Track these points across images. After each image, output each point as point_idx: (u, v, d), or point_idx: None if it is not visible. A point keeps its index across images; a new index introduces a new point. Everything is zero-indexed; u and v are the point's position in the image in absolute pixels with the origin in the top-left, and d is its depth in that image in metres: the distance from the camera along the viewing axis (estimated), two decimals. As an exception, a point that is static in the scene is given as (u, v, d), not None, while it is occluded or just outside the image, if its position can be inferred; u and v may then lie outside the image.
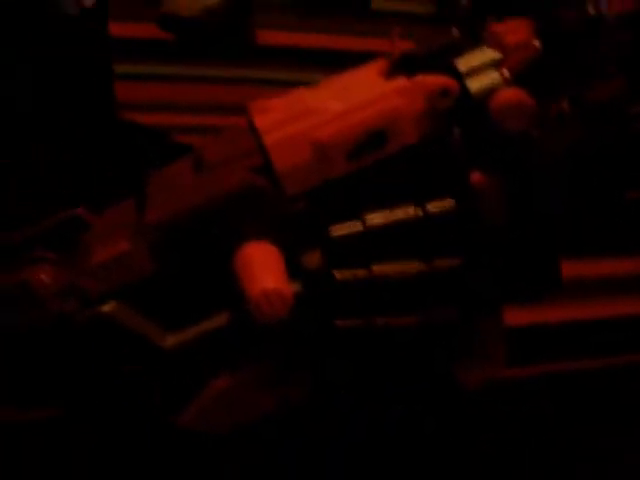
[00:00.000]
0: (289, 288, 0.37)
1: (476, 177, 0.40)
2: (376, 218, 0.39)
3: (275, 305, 0.36)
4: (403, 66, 0.41)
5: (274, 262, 0.38)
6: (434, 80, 0.39)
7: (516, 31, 0.42)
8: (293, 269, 0.39)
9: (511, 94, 0.38)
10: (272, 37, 1.12)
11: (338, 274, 0.39)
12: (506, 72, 0.39)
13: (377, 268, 0.39)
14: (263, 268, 0.37)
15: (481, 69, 0.39)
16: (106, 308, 0.39)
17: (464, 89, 0.39)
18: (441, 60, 0.40)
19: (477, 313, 0.43)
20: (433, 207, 0.39)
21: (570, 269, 0.78)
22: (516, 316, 0.68)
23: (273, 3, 1.19)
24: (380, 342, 0.41)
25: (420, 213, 0.39)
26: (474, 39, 0.42)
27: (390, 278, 0.40)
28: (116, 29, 0.86)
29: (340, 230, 0.39)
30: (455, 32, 0.45)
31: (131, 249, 0.39)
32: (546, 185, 0.41)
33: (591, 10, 0.40)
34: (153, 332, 0.40)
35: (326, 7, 1.21)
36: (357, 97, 0.40)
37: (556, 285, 0.42)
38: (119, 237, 0.40)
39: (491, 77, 0.39)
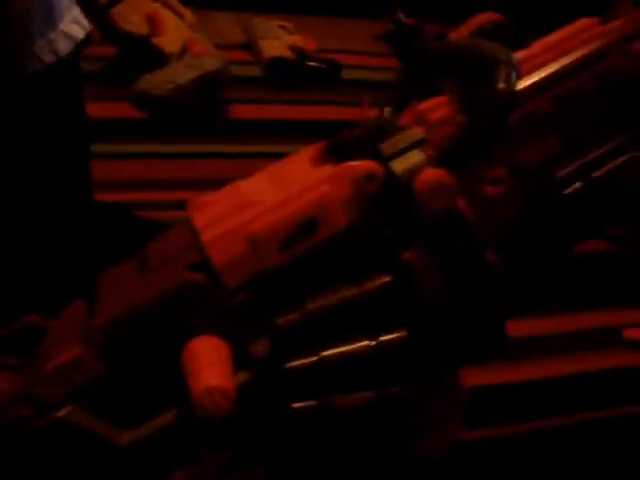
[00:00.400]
0: (232, 384, 0.38)
1: (408, 255, 0.41)
2: (317, 302, 0.40)
3: (218, 402, 0.37)
4: (332, 153, 0.42)
5: (218, 357, 0.39)
6: (359, 166, 0.40)
7: (439, 108, 0.43)
8: (243, 359, 0.40)
9: (431, 174, 0.39)
10: (245, 111, 1.14)
11: (286, 361, 0.40)
12: (430, 151, 0.41)
13: (325, 352, 0.40)
14: (206, 364, 0.38)
15: (405, 151, 0.41)
16: (62, 413, 0.40)
17: (389, 172, 0.40)
18: (367, 145, 0.41)
19: (429, 381, 0.44)
20: (370, 284, 0.40)
21: (526, 329, 0.80)
22: (475, 378, 0.69)
23: (245, 77, 1.22)
24: (334, 420, 0.41)
25: (358, 292, 0.40)
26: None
27: (338, 360, 0.40)
28: (90, 110, 0.89)
29: (284, 318, 0.40)
30: (387, 112, 0.47)
31: (82, 353, 0.40)
32: (481, 258, 0.42)
33: (501, 85, 0.42)
34: (108, 432, 0.41)
35: (297, 79, 1.24)
36: (289, 187, 0.41)
37: (501, 346, 0.43)
38: (71, 342, 0.41)
39: (414, 158, 0.40)
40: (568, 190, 0.44)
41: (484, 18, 1.34)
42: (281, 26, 1.35)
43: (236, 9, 1.40)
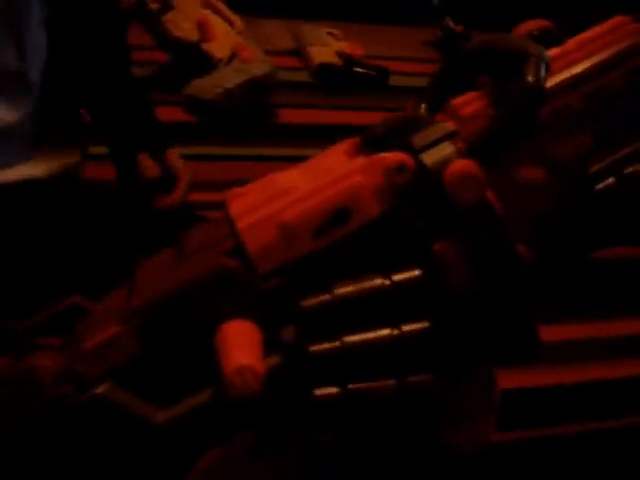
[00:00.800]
0: (262, 364, 0.39)
1: (439, 247, 0.41)
2: (344, 288, 0.41)
3: (248, 381, 0.38)
4: (365, 145, 0.43)
5: (250, 339, 0.40)
6: (390, 157, 0.41)
7: (471, 103, 0.44)
8: (273, 344, 0.42)
9: (461, 166, 0.39)
10: (293, 115, 1.17)
11: (311, 346, 0.41)
12: (460, 144, 0.42)
13: (349, 338, 0.41)
14: (238, 345, 0.40)
15: (436, 143, 0.41)
16: (100, 390, 0.42)
17: (420, 163, 0.41)
18: (399, 138, 0.42)
19: (458, 376, 0.44)
20: (400, 276, 0.41)
21: (561, 333, 0.80)
22: (513, 380, 0.70)
23: (293, 83, 1.24)
24: (359, 409, 0.42)
25: (387, 282, 0.41)
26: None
27: (362, 347, 0.41)
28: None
29: (309, 301, 0.41)
30: (423, 108, 0.48)
31: (119, 332, 0.42)
32: (513, 252, 0.42)
33: (530, 78, 0.42)
34: (145, 409, 0.42)
35: (345, 85, 1.26)
36: (324, 177, 0.42)
37: (533, 349, 0.43)
38: (110, 322, 0.43)
39: (445, 150, 0.41)
40: (600, 186, 0.45)
41: (532, 25, 1.34)
42: (329, 33, 1.37)
43: (285, 17, 1.43)
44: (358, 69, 1.31)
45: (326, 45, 1.34)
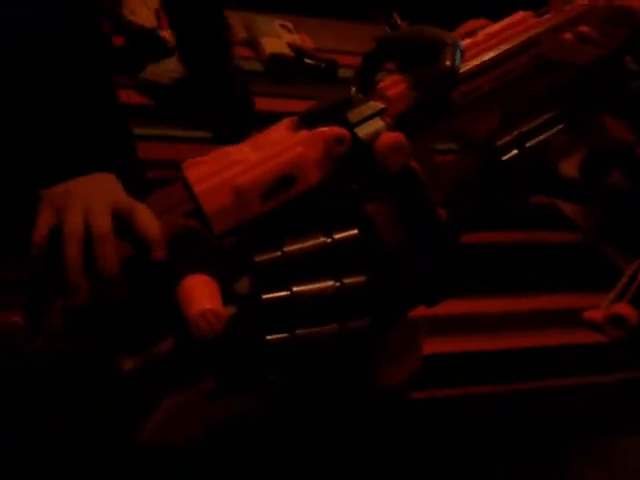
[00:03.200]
0: (222, 307, 0.44)
1: (371, 208, 0.48)
2: (292, 245, 0.47)
3: (212, 322, 0.43)
4: (305, 122, 0.50)
5: (209, 289, 0.45)
6: (329, 131, 0.48)
7: (396, 84, 0.51)
8: (229, 295, 0.47)
9: (389, 137, 0.46)
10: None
11: (263, 296, 0.47)
12: (388, 119, 0.48)
13: (297, 288, 0.47)
14: (200, 294, 0.45)
15: (368, 119, 0.48)
16: None
17: (355, 136, 0.48)
18: (335, 114, 0.49)
19: (390, 320, 0.51)
20: (339, 235, 0.48)
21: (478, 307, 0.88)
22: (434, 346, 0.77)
23: (246, 71, 1.29)
24: (305, 350, 0.48)
25: (329, 240, 0.47)
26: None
27: (308, 295, 0.47)
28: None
29: (262, 257, 0.47)
30: (353, 90, 0.55)
31: None
32: (433, 212, 0.49)
33: (448, 63, 0.49)
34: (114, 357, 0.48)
35: (295, 75, 1.32)
36: (270, 149, 0.49)
37: (447, 293, 0.51)
38: None
39: (376, 125, 0.48)
40: (506, 157, 0.52)
41: (475, 24, 1.42)
42: (282, 25, 1.42)
43: (238, 8, 1.48)
44: (308, 61, 1.37)
45: (278, 37, 1.40)
